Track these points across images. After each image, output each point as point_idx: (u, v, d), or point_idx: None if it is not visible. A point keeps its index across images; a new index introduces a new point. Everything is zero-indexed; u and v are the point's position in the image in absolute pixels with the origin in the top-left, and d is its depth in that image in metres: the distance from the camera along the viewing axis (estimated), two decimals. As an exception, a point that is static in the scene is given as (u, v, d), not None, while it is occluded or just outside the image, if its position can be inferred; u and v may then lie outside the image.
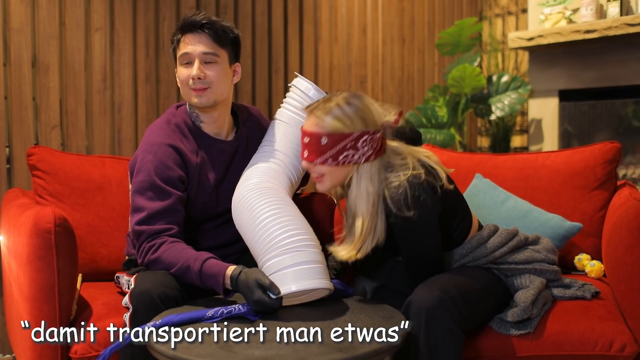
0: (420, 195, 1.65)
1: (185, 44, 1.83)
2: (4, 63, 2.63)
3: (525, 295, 1.75)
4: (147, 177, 1.78)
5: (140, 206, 1.77)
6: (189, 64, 1.83)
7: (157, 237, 1.75)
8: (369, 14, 4.03)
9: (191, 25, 1.83)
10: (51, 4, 2.73)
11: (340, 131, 1.66)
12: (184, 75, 1.84)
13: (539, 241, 1.94)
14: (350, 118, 1.67)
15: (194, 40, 1.82)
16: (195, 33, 1.83)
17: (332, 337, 1.42)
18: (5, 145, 2.63)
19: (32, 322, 1.74)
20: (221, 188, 1.94)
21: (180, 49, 1.85)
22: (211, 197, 1.91)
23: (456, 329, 1.60)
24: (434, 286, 1.64)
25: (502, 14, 4.52)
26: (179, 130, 1.88)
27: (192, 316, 1.55)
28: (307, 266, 1.64)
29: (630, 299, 1.79)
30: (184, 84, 1.85)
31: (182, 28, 1.84)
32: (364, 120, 1.68)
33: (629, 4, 3.50)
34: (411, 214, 1.64)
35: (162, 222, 1.76)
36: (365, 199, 1.68)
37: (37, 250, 1.73)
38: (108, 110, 2.93)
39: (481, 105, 3.99)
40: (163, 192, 1.77)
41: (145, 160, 1.80)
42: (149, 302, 1.62)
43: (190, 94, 1.85)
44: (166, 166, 1.80)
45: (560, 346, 1.75)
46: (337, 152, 1.67)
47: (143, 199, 1.77)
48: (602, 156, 2.26)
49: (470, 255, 1.82)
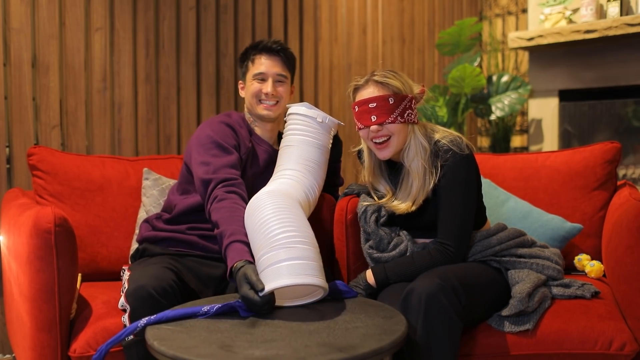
0: (466, 147, 1.87)
1: (261, 63, 2.11)
2: (4, 63, 2.63)
3: (522, 288, 1.77)
4: (209, 140, 1.99)
5: (206, 160, 1.96)
6: (262, 81, 2.11)
7: (225, 185, 1.88)
8: (369, 14, 4.03)
9: (269, 49, 2.12)
10: (51, 4, 2.73)
11: (403, 91, 1.88)
12: (257, 89, 2.10)
13: (547, 246, 2.00)
14: (402, 82, 1.90)
15: (269, 61, 2.11)
16: (271, 55, 2.12)
17: (332, 337, 1.42)
18: (5, 145, 2.63)
19: (32, 322, 1.75)
20: (255, 183, 2.05)
21: (255, 67, 2.11)
22: (248, 185, 2.01)
23: (455, 317, 1.62)
24: (435, 275, 1.67)
25: (502, 14, 4.52)
26: (235, 122, 2.12)
27: (187, 312, 1.55)
28: (302, 262, 1.61)
29: (630, 298, 1.80)
30: (254, 96, 2.11)
31: (261, 49, 2.12)
32: (411, 86, 1.92)
33: (629, 4, 3.51)
34: (465, 153, 1.84)
35: (227, 172, 1.92)
36: (422, 155, 1.88)
37: (37, 250, 1.74)
38: (108, 110, 2.93)
39: (481, 105, 3.99)
40: (226, 150, 1.99)
41: (204, 133, 2.02)
42: (146, 296, 1.64)
43: (260, 107, 2.11)
44: (225, 134, 2.03)
45: (560, 344, 1.75)
46: (402, 110, 1.87)
47: (208, 155, 1.97)
48: (602, 156, 2.27)
49: (478, 244, 1.87)
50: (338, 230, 2.06)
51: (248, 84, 2.14)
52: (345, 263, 2.05)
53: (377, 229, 1.93)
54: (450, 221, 1.83)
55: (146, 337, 1.45)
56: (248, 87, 2.14)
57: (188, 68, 3.20)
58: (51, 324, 1.75)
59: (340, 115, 3.85)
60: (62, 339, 1.78)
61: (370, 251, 1.93)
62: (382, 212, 1.96)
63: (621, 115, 3.77)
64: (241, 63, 2.19)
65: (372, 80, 1.91)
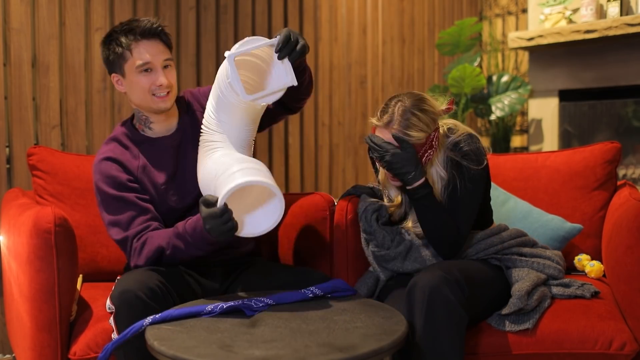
0: (480, 146, 1.85)
1: (144, 52, 1.86)
2: (4, 63, 2.63)
3: (521, 286, 1.77)
4: (104, 195, 1.87)
5: (112, 220, 1.84)
6: (149, 72, 1.87)
7: (141, 236, 1.81)
8: (369, 14, 4.03)
9: (149, 32, 1.86)
10: (51, 4, 2.73)
11: (423, 139, 1.79)
12: (148, 82, 1.87)
13: (548, 248, 2.01)
14: (427, 124, 1.80)
15: (152, 48, 1.86)
16: (152, 38, 1.87)
17: (332, 337, 1.42)
18: (5, 145, 2.63)
19: (32, 322, 1.75)
20: (177, 181, 1.94)
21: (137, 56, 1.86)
22: (168, 193, 1.92)
23: (460, 309, 1.62)
24: (438, 269, 1.68)
25: (502, 14, 4.52)
26: (119, 147, 1.94)
27: (192, 311, 1.55)
28: (254, 167, 1.65)
29: (630, 298, 1.80)
30: (147, 92, 1.88)
31: (140, 34, 1.86)
32: (434, 120, 1.82)
33: (629, 4, 3.51)
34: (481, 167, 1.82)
35: (138, 224, 1.82)
36: (438, 180, 1.85)
37: (37, 250, 1.74)
38: (108, 110, 2.93)
39: (481, 105, 3.99)
40: (122, 199, 1.85)
41: (96, 186, 1.89)
42: (131, 298, 1.62)
43: (154, 100, 1.89)
44: (113, 176, 1.87)
45: (560, 344, 1.75)
46: (420, 156, 1.81)
47: (111, 213, 1.85)
48: (602, 156, 2.26)
49: (481, 243, 1.88)
50: (338, 230, 2.06)
51: (131, 78, 1.86)
52: (345, 263, 2.05)
53: (379, 228, 1.93)
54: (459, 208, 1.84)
55: (146, 337, 1.45)
56: (133, 82, 1.87)
57: (188, 68, 3.20)
58: (51, 324, 1.75)
59: (341, 115, 3.86)
60: (62, 339, 1.78)
61: (375, 249, 1.92)
62: (382, 212, 1.96)
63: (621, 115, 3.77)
64: (110, 51, 1.87)
65: (391, 125, 1.80)
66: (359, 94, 3.96)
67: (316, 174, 3.80)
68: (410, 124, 1.78)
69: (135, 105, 1.94)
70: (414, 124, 1.78)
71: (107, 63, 1.92)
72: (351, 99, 3.91)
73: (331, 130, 3.83)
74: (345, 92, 3.89)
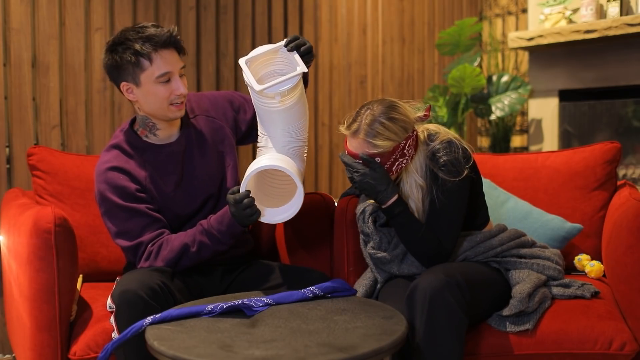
0: (461, 151, 1.79)
1: (163, 62, 1.82)
2: (4, 63, 2.63)
3: (522, 288, 1.77)
4: (111, 205, 1.84)
5: (121, 230, 1.83)
6: (168, 82, 1.84)
7: (157, 240, 1.82)
8: (369, 14, 4.03)
9: (168, 42, 1.83)
10: (51, 4, 2.73)
11: (390, 148, 1.76)
12: (167, 92, 1.84)
13: (547, 247, 2.00)
14: (396, 132, 1.76)
15: (171, 57, 1.83)
16: (169, 47, 1.83)
17: (332, 337, 1.42)
18: (5, 145, 2.63)
19: (32, 322, 1.75)
20: (183, 188, 1.93)
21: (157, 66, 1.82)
22: (174, 200, 1.91)
23: (460, 313, 1.62)
24: (439, 271, 1.67)
25: (502, 14, 4.52)
26: (120, 151, 1.90)
27: (192, 310, 1.55)
28: (280, 158, 1.76)
29: (630, 298, 1.80)
30: (165, 100, 1.85)
31: (160, 44, 1.82)
32: (405, 129, 1.78)
33: (629, 4, 3.50)
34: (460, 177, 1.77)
35: (150, 233, 1.83)
36: (416, 190, 1.83)
37: (37, 250, 1.74)
38: (108, 110, 2.93)
39: (481, 105, 3.99)
40: (133, 211, 1.83)
41: (102, 196, 1.85)
42: (133, 298, 1.62)
43: (171, 109, 1.86)
44: (120, 185, 1.84)
45: (560, 344, 1.75)
46: (390, 165, 1.79)
47: (120, 223, 1.83)
48: (602, 156, 2.26)
49: (480, 245, 1.87)
50: (338, 230, 2.06)
51: (148, 87, 1.82)
52: (345, 263, 2.05)
53: (376, 229, 1.93)
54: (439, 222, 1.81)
55: (146, 337, 1.45)
56: (150, 91, 1.82)
57: (188, 68, 3.20)
58: (51, 324, 1.75)
59: (340, 115, 3.86)
60: (62, 339, 1.78)
61: (372, 252, 1.92)
62: (380, 214, 1.95)
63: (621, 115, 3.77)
64: (121, 58, 1.80)
65: (357, 133, 1.76)
66: (359, 94, 3.96)
67: (316, 174, 3.80)
68: (377, 133, 1.75)
69: (144, 113, 1.89)
70: (380, 132, 1.74)
71: (113, 69, 1.85)
72: (351, 99, 3.91)
73: (331, 130, 3.83)
74: (345, 92, 3.90)
